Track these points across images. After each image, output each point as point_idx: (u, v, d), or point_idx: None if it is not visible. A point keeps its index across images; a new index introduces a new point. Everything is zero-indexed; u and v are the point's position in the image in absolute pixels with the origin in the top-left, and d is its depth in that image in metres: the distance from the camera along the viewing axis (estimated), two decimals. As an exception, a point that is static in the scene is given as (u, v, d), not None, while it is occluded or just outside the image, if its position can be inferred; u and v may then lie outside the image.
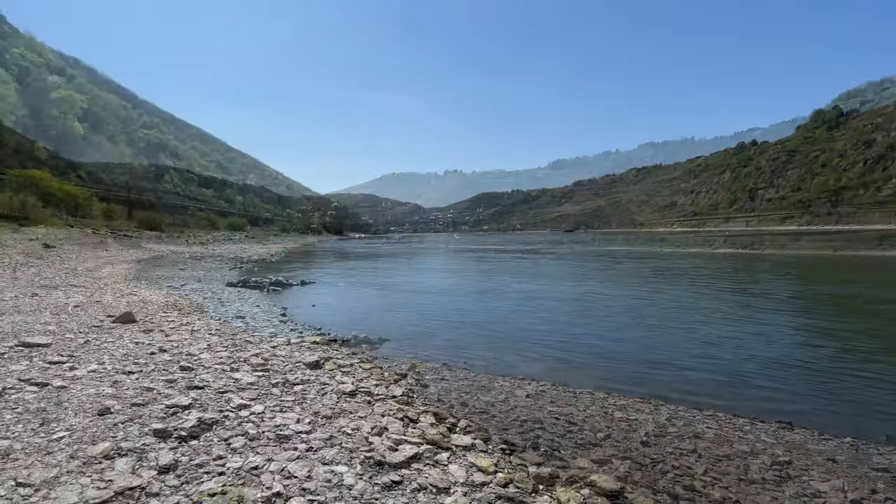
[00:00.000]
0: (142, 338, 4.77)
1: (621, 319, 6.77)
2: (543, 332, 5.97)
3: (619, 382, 4.19)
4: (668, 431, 3.16)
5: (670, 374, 4.40)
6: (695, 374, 4.37)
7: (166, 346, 4.46)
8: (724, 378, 4.23)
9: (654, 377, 4.32)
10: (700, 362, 4.66)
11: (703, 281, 11.74)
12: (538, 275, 14.34)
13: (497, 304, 8.22)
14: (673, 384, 4.13)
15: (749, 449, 2.94)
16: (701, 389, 3.89)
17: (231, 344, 4.88)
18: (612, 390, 3.97)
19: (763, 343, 5.49)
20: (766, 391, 3.98)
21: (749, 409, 3.58)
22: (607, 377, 4.29)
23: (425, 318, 7.04)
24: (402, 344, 5.55)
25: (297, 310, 8.14)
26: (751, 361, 4.69)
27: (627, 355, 4.90)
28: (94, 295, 7.49)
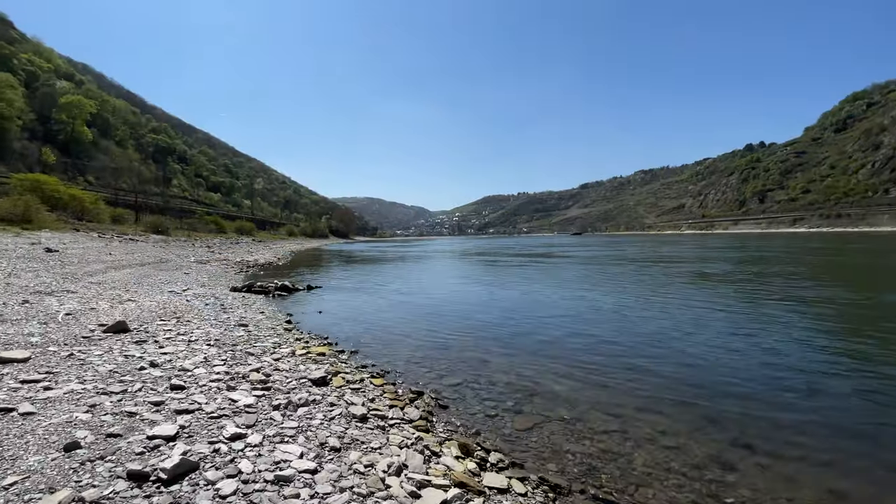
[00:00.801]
0: (133, 350, 4.37)
1: (666, 331, 6.07)
2: (575, 346, 5.40)
3: (665, 403, 3.70)
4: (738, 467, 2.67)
5: (720, 395, 3.89)
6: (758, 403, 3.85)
7: (158, 360, 4.04)
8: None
9: (703, 399, 3.82)
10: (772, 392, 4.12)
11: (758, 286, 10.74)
12: (560, 281, 13.43)
13: (519, 315, 7.52)
14: (722, 406, 3.63)
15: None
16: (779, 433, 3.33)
17: (230, 357, 4.45)
18: (661, 415, 3.47)
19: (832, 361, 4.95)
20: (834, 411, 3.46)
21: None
22: (652, 398, 3.79)
23: (440, 328, 6.56)
24: (415, 356, 5.08)
25: (302, 316, 7.72)
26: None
27: (678, 376, 4.33)
28: (89, 301, 7.13)
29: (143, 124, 79.68)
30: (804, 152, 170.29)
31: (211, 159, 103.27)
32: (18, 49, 53.84)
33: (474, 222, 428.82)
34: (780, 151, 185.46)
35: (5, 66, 47.50)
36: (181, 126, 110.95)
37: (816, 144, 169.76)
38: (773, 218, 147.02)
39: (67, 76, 62.99)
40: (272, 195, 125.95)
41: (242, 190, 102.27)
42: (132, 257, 16.84)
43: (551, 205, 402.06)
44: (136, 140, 71.36)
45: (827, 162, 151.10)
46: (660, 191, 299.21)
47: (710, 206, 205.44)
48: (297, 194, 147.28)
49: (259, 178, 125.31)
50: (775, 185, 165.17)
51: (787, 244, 35.14)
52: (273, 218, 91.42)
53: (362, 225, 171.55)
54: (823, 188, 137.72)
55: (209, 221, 47.75)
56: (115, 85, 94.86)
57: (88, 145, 54.13)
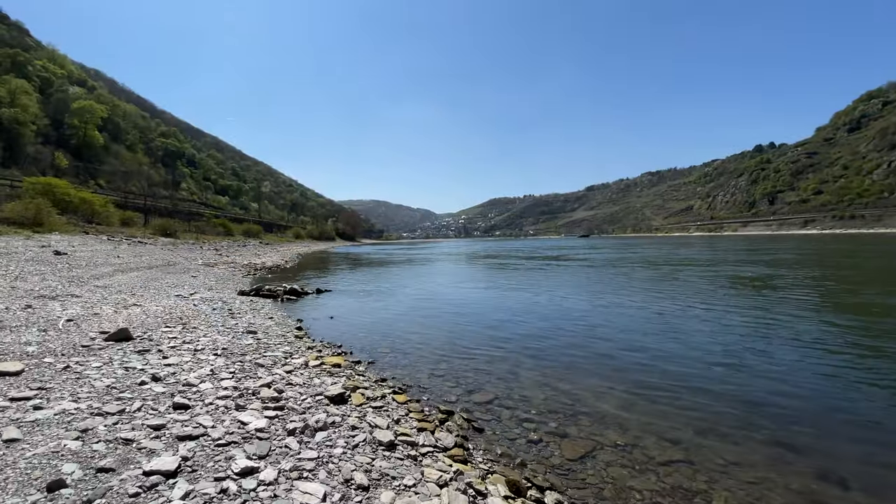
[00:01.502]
0: (134, 360, 4.02)
1: (718, 342, 5.50)
2: (615, 358, 4.92)
3: (728, 427, 3.26)
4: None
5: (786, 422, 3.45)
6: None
7: (161, 373, 3.69)
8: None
9: (773, 422, 3.38)
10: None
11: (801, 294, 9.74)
12: (585, 285, 12.62)
13: (547, 322, 7.19)
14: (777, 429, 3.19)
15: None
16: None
17: (239, 369, 4.09)
18: (728, 441, 3.05)
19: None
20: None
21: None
22: (713, 421, 3.35)
23: (462, 336, 6.15)
24: (438, 368, 4.68)
25: (313, 322, 7.36)
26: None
27: (740, 395, 3.86)
28: (93, 306, 6.84)
29: (153, 128, 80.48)
30: (816, 153, 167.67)
31: (219, 163, 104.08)
32: (33, 56, 54.61)
33: (480, 225, 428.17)
34: (791, 152, 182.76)
35: (21, 73, 48.16)
36: (190, 130, 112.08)
37: (829, 145, 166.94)
38: (783, 219, 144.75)
39: (80, 82, 63.79)
40: (279, 198, 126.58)
41: (250, 193, 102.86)
42: (140, 260, 16.67)
43: (557, 207, 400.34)
44: (145, 144, 72.03)
45: (840, 162, 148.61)
46: (667, 192, 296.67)
47: (718, 207, 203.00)
48: (303, 197, 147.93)
49: (266, 182, 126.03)
50: (786, 187, 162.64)
51: (809, 246, 34.22)
52: (280, 221, 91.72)
53: (368, 227, 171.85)
54: (836, 189, 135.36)
55: (217, 224, 47.83)
56: (126, 90, 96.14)
57: (100, 149, 54.63)
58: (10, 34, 53.80)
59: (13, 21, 57.99)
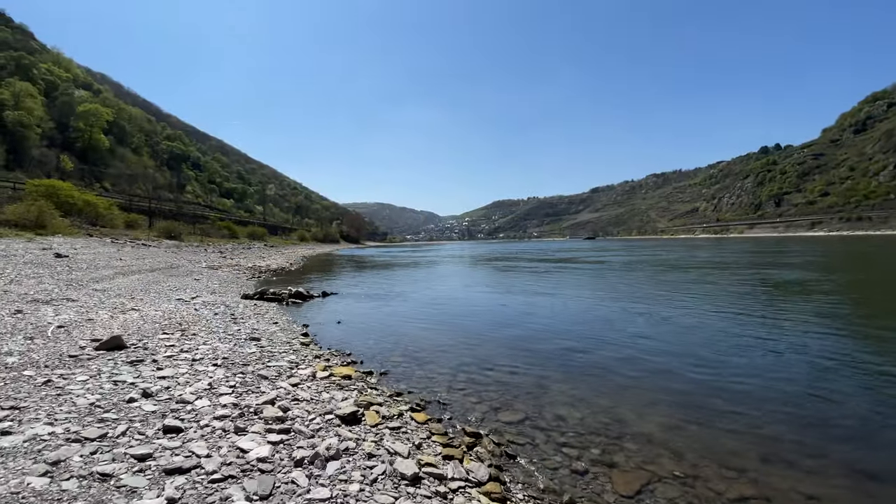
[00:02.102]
0: (125, 373, 3.65)
1: (775, 354, 4.96)
2: (657, 371, 4.45)
3: (797, 451, 2.84)
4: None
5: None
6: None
7: (153, 388, 3.31)
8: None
9: (853, 445, 2.96)
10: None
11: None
12: (607, 289, 11.94)
13: (570, 329, 6.70)
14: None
15: None
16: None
17: (240, 381, 3.71)
18: (802, 471, 2.63)
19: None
20: None
21: None
22: (779, 445, 2.93)
23: (479, 344, 5.73)
24: (457, 380, 4.27)
25: (320, 328, 6.98)
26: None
27: (807, 414, 3.40)
28: (89, 311, 6.49)
29: (159, 132, 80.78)
30: (822, 154, 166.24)
31: (224, 166, 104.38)
32: (38, 59, 54.91)
33: (484, 227, 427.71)
34: (797, 154, 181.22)
35: (26, 76, 48.39)
36: (195, 133, 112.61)
37: (835, 146, 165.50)
38: (790, 221, 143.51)
39: (86, 85, 64.13)
40: (284, 201, 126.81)
41: (254, 196, 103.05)
42: (142, 263, 16.40)
43: (561, 209, 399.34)
44: (151, 147, 72.27)
45: (846, 164, 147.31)
46: (672, 195, 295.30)
47: (724, 209, 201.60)
48: (308, 200, 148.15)
49: (271, 185, 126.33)
50: (792, 188, 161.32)
51: (827, 248, 33.57)
52: (285, 223, 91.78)
53: (373, 230, 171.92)
54: (843, 191, 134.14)
55: (222, 227, 47.73)
56: (132, 94, 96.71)
57: (105, 152, 54.76)
58: (15, 37, 54.12)
59: (17, 24, 58.40)
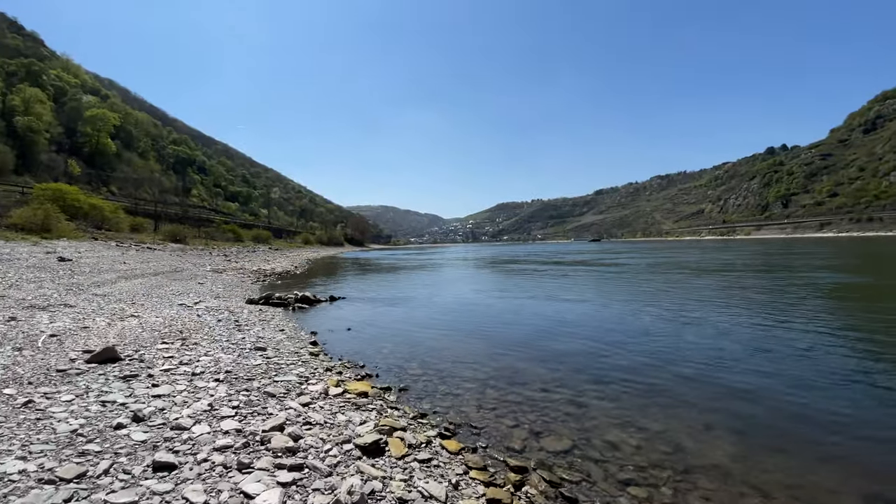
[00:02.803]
0: (116, 391, 3.25)
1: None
2: (703, 384, 3.99)
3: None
4: None
5: None
6: None
7: (145, 410, 2.90)
8: None
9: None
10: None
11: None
12: (630, 293, 11.43)
13: (600, 337, 6.13)
14: None
15: None
16: None
17: (244, 401, 3.30)
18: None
19: None
20: None
21: None
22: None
23: (500, 353, 5.28)
24: (486, 397, 3.83)
25: (329, 335, 6.57)
26: None
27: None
28: (86, 318, 6.13)
29: (165, 136, 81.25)
30: (830, 154, 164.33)
31: (229, 170, 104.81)
32: (48, 65, 55.38)
33: (488, 229, 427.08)
34: (805, 154, 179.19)
35: (35, 82, 48.75)
36: (201, 138, 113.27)
37: (843, 146, 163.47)
38: (798, 222, 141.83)
39: (94, 91, 64.59)
40: (288, 204, 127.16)
41: (259, 199, 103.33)
42: (146, 266, 16.11)
43: (566, 211, 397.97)
44: (157, 151, 72.66)
45: (855, 164, 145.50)
46: (677, 196, 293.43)
47: (730, 210, 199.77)
48: (312, 203, 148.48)
49: (276, 188, 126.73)
50: (800, 189, 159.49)
51: (847, 249, 32.78)
52: (289, 226, 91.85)
53: (377, 233, 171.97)
54: (852, 191, 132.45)
55: (227, 230, 47.63)
56: (139, 99, 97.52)
57: (112, 157, 55.02)
58: (25, 44, 54.62)
59: (28, 32, 58.95)
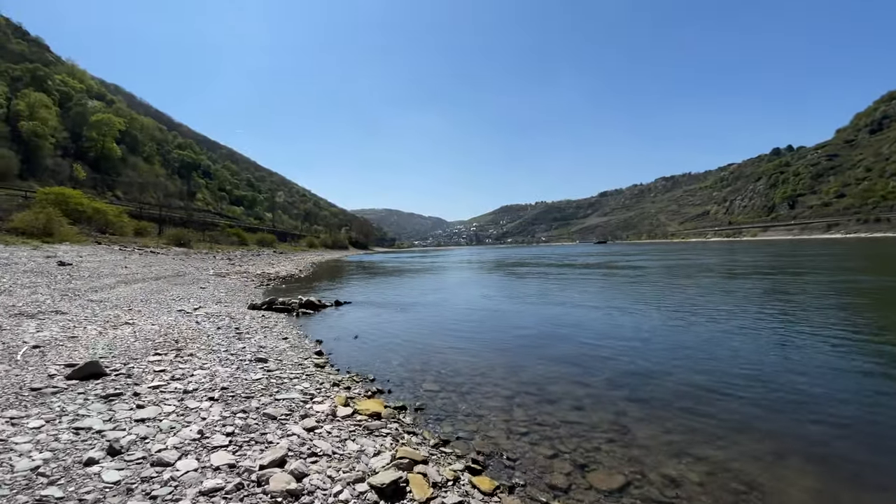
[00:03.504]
0: (94, 414, 2.83)
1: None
2: (764, 405, 3.50)
3: None
4: None
5: None
6: None
7: (125, 439, 2.48)
8: None
9: None
10: None
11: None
12: (653, 299, 10.45)
13: (632, 347, 5.54)
14: None
15: None
16: None
17: (241, 426, 2.87)
18: None
19: None
20: None
21: None
22: None
23: (522, 364, 4.80)
24: (515, 419, 3.37)
25: (335, 344, 6.14)
26: None
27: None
28: (77, 326, 5.74)
29: (170, 141, 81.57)
30: (836, 155, 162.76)
31: (234, 174, 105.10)
32: (53, 71, 55.67)
33: (492, 232, 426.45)
34: (811, 155, 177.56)
35: (40, 87, 48.97)
36: (206, 142, 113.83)
37: (850, 147, 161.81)
38: (805, 224, 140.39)
39: (99, 96, 64.90)
40: (293, 208, 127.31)
41: (264, 203, 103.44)
42: (148, 270, 15.79)
43: (570, 213, 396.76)
44: (162, 156, 72.88)
45: (862, 164, 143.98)
46: (682, 198, 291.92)
47: (736, 212, 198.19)
48: (316, 207, 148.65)
49: (280, 192, 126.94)
50: (806, 190, 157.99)
51: (867, 250, 32.04)
52: (294, 230, 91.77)
53: (381, 236, 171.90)
54: (860, 192, 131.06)
55: (231, 234, 47.48)
56: (144, 104, 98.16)
57: (117, 161, 55.13)
58: (31, 50, 54.98)
59: (34, 37, 59.37)
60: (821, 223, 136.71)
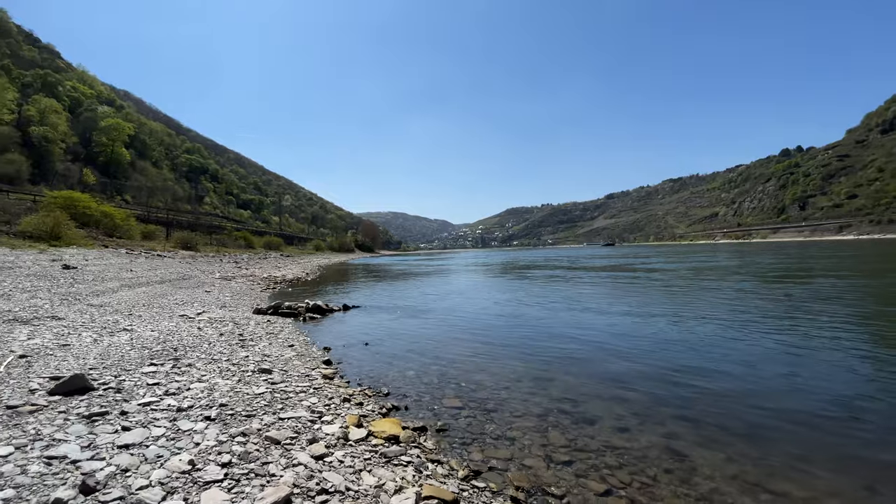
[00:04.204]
0: (72, 439, 2.46)
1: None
2: (825, 424, 3.18)
3: None
4: None
5: None
6: None
7: (102, 473, 2.10)
8: None
9: None
10: None
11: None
12: (683, 303, 9.49)
13: (667, 355, 5.08)
14: None
15: None
16: None
17: (241, 453, 2.48)
18: None
19: None
20: None
21: None
22: None
23: (548, 376, 4.35)
24: (552, 445, 2.94)
25: (345, 352, 5.75)
26: None
27: None
28: (72, 333, 5.42)
29: (178, 145, 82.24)
30: (847, 155, 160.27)
31: (241, 178, 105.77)
32: (64, 77, 56.36)
33: (498, 235, 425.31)
34: (821, 155, 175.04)
35: (51, 93, 49.53)
36: (214, 147, 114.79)
37: (861, 147, 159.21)
38: (816, 225, 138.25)
39: (109, 101, 65.63)
40: (300, 211, 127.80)
41: (271, 206, 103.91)
42: (153, 274, 15.57)
43: (576, 216, 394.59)
44: (171, 160, 73.42)
45: (874, 165, 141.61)
46: (690, 199, 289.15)
47: (745, 214, 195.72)
48: (323, 210, 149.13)
49: (287, 195, 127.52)
50: (817, 191, 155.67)
51: (873, 252, 31.13)
52: (300, 233, 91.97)
53: (387, 239, 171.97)
54: (872, 192, 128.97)
55: (238, 237, 47.53)
56: (153, 109, 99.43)
57: (127, 166, 55.55)
58: (42, 56, 55.66)
59: (45, 44, 60.17)
60: (832, 224, 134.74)
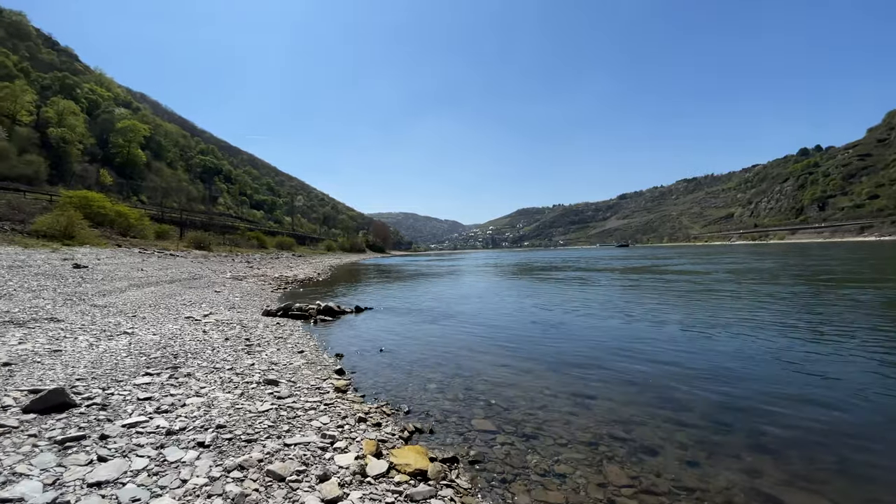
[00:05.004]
0: (35, 473, 2.03)
1: None
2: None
3: None
4: None
5: None
6: None
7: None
8: None
9: None
10: None
11: None
12: (737, 310, 8.42)
13: (729, 369, 4.49)
14: None
15: None
16: None
17: (235, 496, 2.02)
18: None
19: None
20: None
21: None
22: None
23: (590, 393, 3.79)
24: (608, 480, 2.43)
25: (358, 360, 5.29)
26: None
27: None
28: (68, 336, 5.06)
29: (193, 146, 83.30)
30: (869, 154, 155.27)
31: (255, 178, 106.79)
32: (82, 79, 57.41)
33: (508, 235, 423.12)
34: (841, 155, 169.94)
35: (69, 95, 50.44)
36: (228, 148, 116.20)
37: (883, 146, 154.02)
38: (836, 226, 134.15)
39: (125, 103, 66.72)
40: (311, 212, 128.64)
41: (283, 207, 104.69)
42: (164, 273, 15.38)
43: (588, 216, 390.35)
44: (185, 161, 74.36)
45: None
46: (705, 200, 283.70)
47: (762, 214, 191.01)
48: (335, 210, 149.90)
49: (299, 196, 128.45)
50: (837, 191, 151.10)
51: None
52: (312, 233, 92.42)
53: (398, 239, 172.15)
54: (894, 192, 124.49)
55: (251, 237, 47.73)
56: (169, 111, 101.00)
57: (143, 167, 56.31)
58: (60, 59, 56.74)
59: (63, 47, 61.38)
60: (853, 225, 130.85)
